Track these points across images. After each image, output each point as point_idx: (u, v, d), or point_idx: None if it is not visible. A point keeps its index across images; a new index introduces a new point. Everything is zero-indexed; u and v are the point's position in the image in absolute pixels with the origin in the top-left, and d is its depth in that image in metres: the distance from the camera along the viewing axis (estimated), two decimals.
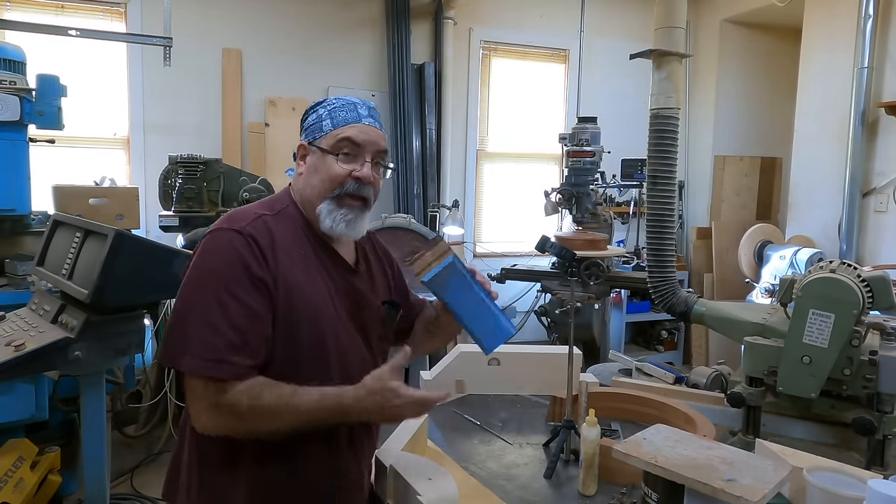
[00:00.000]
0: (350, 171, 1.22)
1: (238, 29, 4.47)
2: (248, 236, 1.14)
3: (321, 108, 1.27)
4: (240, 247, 1.12)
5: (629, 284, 3.59)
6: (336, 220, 1.22)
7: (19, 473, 2.17)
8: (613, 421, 1.76)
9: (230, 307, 1.09)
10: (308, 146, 1.26)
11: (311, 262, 1.21)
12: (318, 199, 1.23)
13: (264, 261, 1.13)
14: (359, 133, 1.23)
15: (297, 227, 1.24)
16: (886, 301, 1.56)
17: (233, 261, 1.11)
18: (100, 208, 3.26)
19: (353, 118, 1.24)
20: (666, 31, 2.11)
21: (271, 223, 1.19)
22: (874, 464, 1.50)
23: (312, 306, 1.17)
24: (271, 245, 1.16)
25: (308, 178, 1.25)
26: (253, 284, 1.11)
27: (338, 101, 1.27)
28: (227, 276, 1.11)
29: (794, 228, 4.38)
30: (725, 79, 5.35)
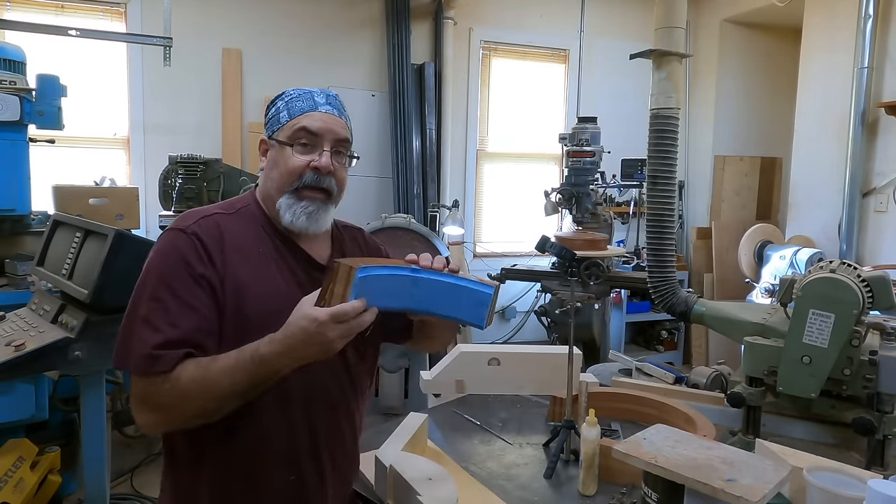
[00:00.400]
0: (308, 162, 1.18)
1: (238, 29, 4.47)
2: (192, 234, 1.11)
3: (279, 101, 1.23)
4: (182, 246, 1.10)
5: (629, 284, 3.59)
6: (296, 214, 1.17)
7: (19, 473, 2.17)
8: (613, 421, 1.76)
9: (168, 303, 1.07)
10: (268, 140, 1.23)
11: (270, 261, 1.17)
12: (277, 194, 1.19)
13: (209, 259, 1.10)
14: (315, 121, 1.19)
15: (257, 224, 1.21)
16: (886, 301, 1.56)
17: (174, 260, 1.10)
18: (100, 208, 3.26)
19: (308, 107, 1.20)
20: (666, 31, 2.11)
21: (224, 221, 1.17)
22: (874, 464, 1.50)
23: (265, 307, 1.12)
24: (219, 243, 1.13)
25: (268, 172, 1.22)
26: (195, 282, 1.09)
27: (295, 92, 1.23)
28: (167, 275, 1.09)
29: (794, 228, 4.38)
30: (725, 79, 5.35)
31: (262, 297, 1.13)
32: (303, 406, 1.17)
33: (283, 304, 1.08)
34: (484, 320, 1.12)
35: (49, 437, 2.54)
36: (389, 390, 3.56)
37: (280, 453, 1.15)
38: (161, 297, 1.07)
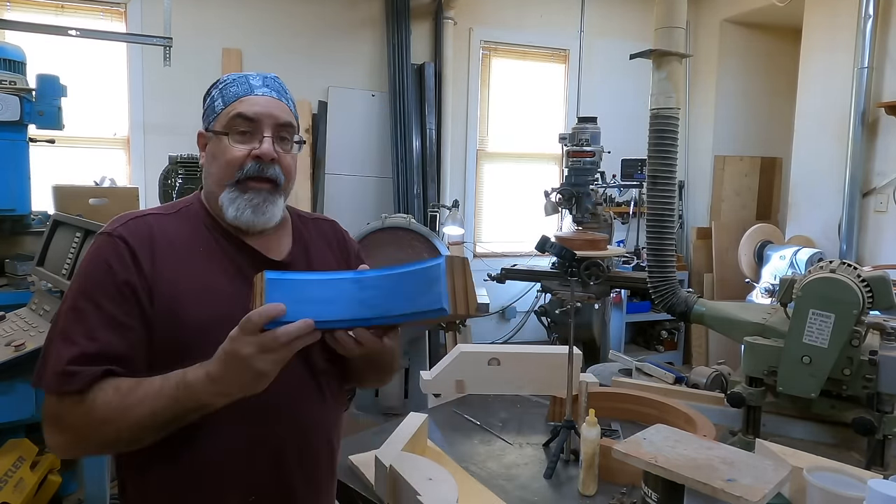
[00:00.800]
0: (248, 151, 1.07)
1: (238, 29, 4.47)
2: (118, 237, 1.02)
3: (214, 90, 1.14)
4: (106, 250, 1.01)
5: (629, 284, 3.59)
6: (240, 209, 1.07)
7: (19, 473, 2.17)
8: (613, 421, 1.76)
9: (87, 314, 0.97)
10: (205, 133, 1.14)
11: (212, 262, 1.07)
12: (218, 188, 1.09)
13: (135, 264, 1.00)
14: (251, 106, 1.08)
15: (199, 223, 1.11)
16: (886, 301, 1.56)
17: (97, 266, 1.00)
18: (100, 208, 3.25)
19: (243, 91, 1.10)
20: (666, 31, 2.11)
21: (159, 221, 1.07)
22: (874, 464, 1.50)
23: (204, 313, 1.01)
24: (149, 246, 1.02)
25: (207, 167, 1.12)
26: (118, 290, 0.98)
27: (230, 78, 1.13)
28: (89, 283, 1.00)
29: (794, 228, 4.38)
30: (725, 79, 5.35)
31: (201, 303, 1.02)
32: (261, 420, 1.04)
33: (226, 308, 0.99)
34: (444, 300, 0.91)
35: None
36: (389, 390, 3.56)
37: (237, 474, 1.04)
38: (80, 307, 0.98)
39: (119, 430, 0.94)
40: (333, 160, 4.70)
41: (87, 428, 0.94)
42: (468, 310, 0.92)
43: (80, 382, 0.94)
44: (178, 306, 1.00)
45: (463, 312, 0.92)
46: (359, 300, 0.94)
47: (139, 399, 0.93)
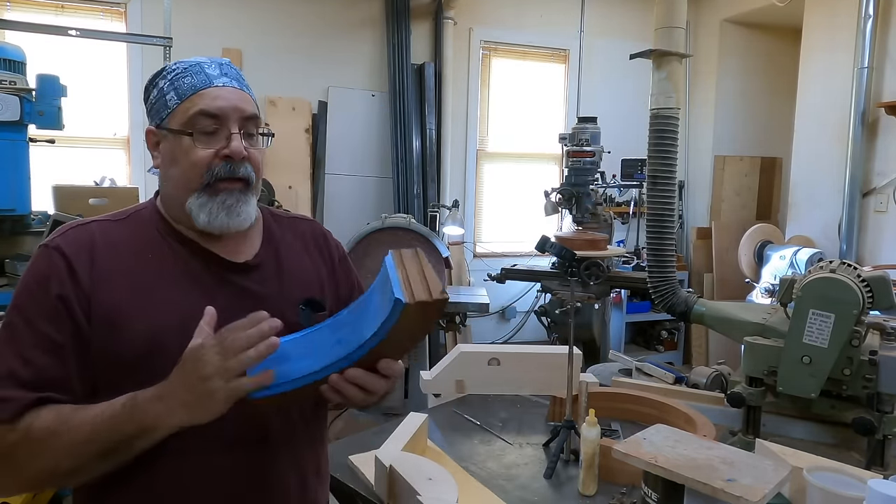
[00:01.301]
0: (216, 151, 0.97)
1: (238, 28, 4.47)
2: (54, 248, 0.93)
3: (161, 80, 1.01)
4: (42, 264, 0.93)
5: (629, 284, 3.59)
6: (213, 212, 0.97)
7: None
8: (613, 421, 1.76)
9: (21, 334, 0.89)
10: (157, 131, 1.01)
11: (162, 269, 0.97)
12: (183, 194, 0.98)
13: (71, 277, 0.91)
14: (213, 100, 0.97)
15: (151, 229, 1.01)
16: (886, 301, 1.56)
17: (33, 282, 0.92)
18: (100, 208, 3.26)
19: (200, 82, 0.98)
20: (666, 31, 2.11)
21: (104, 229, 0.98)
22: (874, 464, 1.50)
23: (149, 327, 0.92)
24: (89, 255, 0.93)
25: (165, 170, 1.01)
26: (52, 306, 0.90)
27: (179, 66, 1.00)
28: (23, 300, 0.92)
29: (794, 228, 4.38)
30: (725, 79, 5.35)
31: (146, 313, 0.92)
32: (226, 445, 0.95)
33: (175, 318, 0.92)
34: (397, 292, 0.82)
35: None
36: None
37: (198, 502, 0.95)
38: (14, 324, 0.90)
39: (57, 459, 0.84)
40: (333, 160, 4.71)
41: (23, 457, 0.85)
42: (430, 294, 0.83)
43: (10, 410, 0.85)
44: (117, 316, 0.91)
45: (425, 298, 0.82)
46: (335, 342, 0.89)
47: (78, 422, 0.84)
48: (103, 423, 0.84)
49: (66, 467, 0.85)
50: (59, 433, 0.84)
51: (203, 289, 0.98)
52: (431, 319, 0.88)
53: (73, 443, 0.84)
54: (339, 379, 0.86)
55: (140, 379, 0.87)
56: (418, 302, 0.81)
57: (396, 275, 0.85)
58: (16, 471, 0.86)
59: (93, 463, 0.85)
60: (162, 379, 0.85)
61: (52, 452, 0.84)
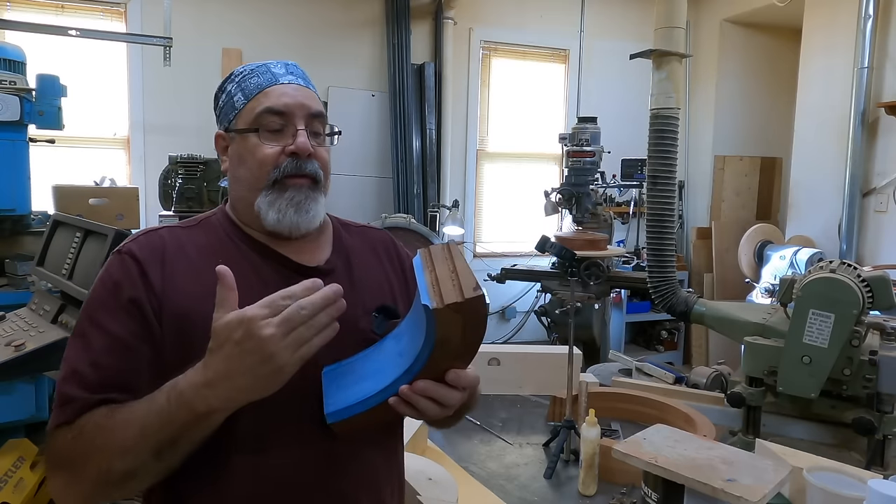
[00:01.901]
0: (282, 148, 0.96)
1: (238, 29, 4.47)
2: (126, 254, 0.92)
3: (229, 84, 1.01)
4: (114, 270, 0.91)
5: (629, 284, 3.59)
6: (281, 210, 0.95)
7: (19, 473, 2.17)
8: (613, 421, 1.76)
9: (93, 340, 0.87)
10: (225, 134, 1.00)
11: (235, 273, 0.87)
12: (251, 193, 0.96)
13: (143, 280, 0.90)
14: (279, 98, 0.96)
15: (220, 233, 0.99)
16: (886, 301, 1.56)
17: (106, 287, 0.91)
18: (100, 208, 3.26)
19: (266, 81, 0.99)
20: (666, 31, 2.11)
21: (174, 234, 0.97)
22: (874, 464, 1.50)
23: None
24: (159, 259, 0.92)
25: (234, 171, 1.00)
26: (123, 308, 0.88)
27: (246, 68, 1.01)
28: (96, 306, 0.90)
29: (794, 228, 4.38)
30: (725, 79, 5.35)
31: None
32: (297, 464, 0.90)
33: None
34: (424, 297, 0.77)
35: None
36: None
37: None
38: (86, 332, 0.89)
39: (109, 458, 0.79)
40: (333, 160, 4.65)
41: (80, 459, 0.82)
42: (462, 294, 0.75)
43: (71, 411, 0.84)
44: (187, 320, 0.89)
45: (455, 299, 0.74)
46: (398, 354, 0.84)
47: (126, 420, 0.80)
48: (152, 418, 0.79)
49: (121, 469, 0.80)
50: (109, 429, 0.80)
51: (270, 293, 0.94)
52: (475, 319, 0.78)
53: (124, 440, 0.79)
54: (408, 391, 0.81)
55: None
56: (448, 305, 0.74)
57: (424, 278, 0.81)
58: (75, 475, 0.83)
59: (148, 463, 0.80)
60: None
61: (104, 452, 0.80)
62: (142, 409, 0.80)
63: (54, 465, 0.85)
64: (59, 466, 0.84)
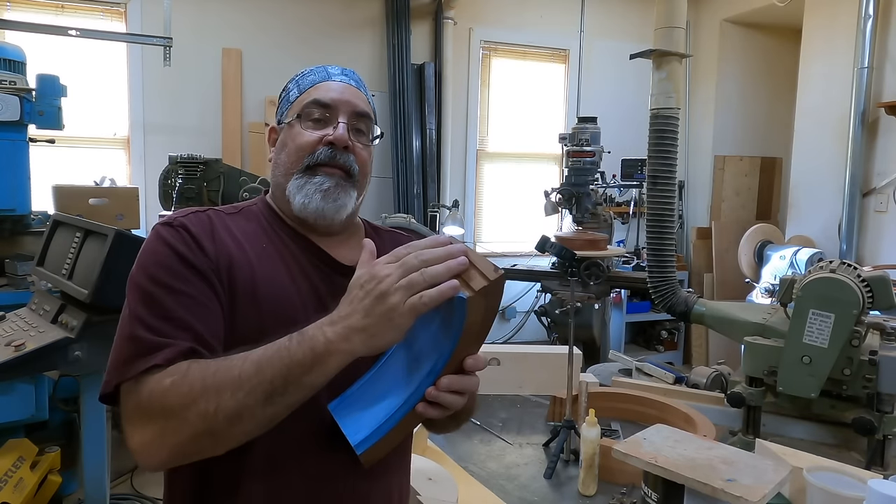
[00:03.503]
0: (321, 137, 0.97)
1: (238, 29, 4.47)
2: (179, 227, 0.91)
3: (290, 83, 1.08)
4: (169, 238, 0.90)
5: (629, 284, 3.59)
6: (308, 194, 0.96)
7: (19, 473, 2.17)
8: (613, 421, 1.76)
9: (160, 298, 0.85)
10: (277, 127, 1.05)
11: (276, 260, 0.96)
12: (286, 179, 0.99)
13: (198, 246, 0.90)
14: (326, 91, 1.00)
15: (260, 221, 1.01)
16: (886, 301, 1.56)
17: (162, 253, 0.89)
18: (100, 208, 3.26)
19: (320, 77, 1.04)
20: (666, 31, 2.11)
21: (219, 216, 0.97)
22: (874, 464, 1.50)
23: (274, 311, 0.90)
24: (211, 236, 0.92)
25: (275, 158, 1.03)
26: (188, 270, 0.87)
27: (308, 69, 1.08)
28: (157, 268, 0.88)
29: (794, 228, 4.38)
30: (725, 79, 5.35)
31: (262, 299, 0.90)
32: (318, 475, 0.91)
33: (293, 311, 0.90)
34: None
35: (49, 437, 2.53)
36: None
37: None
38: (150, 292, 0.86)
39: (220, 400, 0.75)
40: None
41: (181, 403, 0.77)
42: (486, 278, 0.78)
43: (165, 354, 0.80)
44: (238, 300, 0.89)
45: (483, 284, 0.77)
46: (413, 360, 0.84)
47: (243, 357, 0.78)
48: (271, 355, 0.77)
49: (230, 407, 0.76)
50: (222, 367, 0.78)
51: (312, 284, 0.95)
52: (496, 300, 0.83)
53: (240, 373, 0.76)
54: (435, 392, 0.81)
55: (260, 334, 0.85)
56: (478, 291, 0.77)
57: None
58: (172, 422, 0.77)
59: (257, 405, 0.76)
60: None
61: (213, 390, 0.76)
62: (256, 352, 0.78)
63: (143, 415, 0.79)
64: (151, 416, 0.78)
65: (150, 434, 0.78)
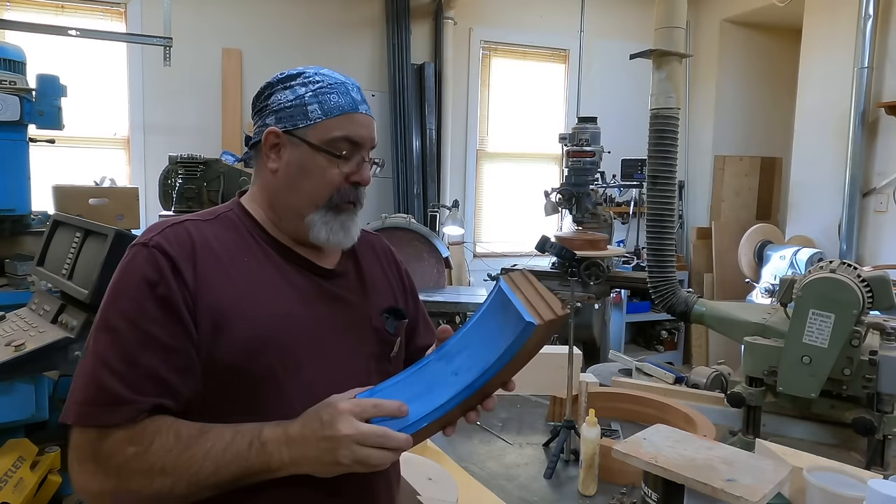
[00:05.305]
0: (348, 175, 1.00)
1: (238, 29, 4.47)
2: (154, 247, 0.90)
3: (300, 87, 1.00)
4: (142, 263, 0.89)
5: (629, 284, 3.59)
6: (334, 230, 1.00)
7: (19, 473, 2.17)
8: (613, 421, 1.76)
9: (126, 337, 0.85)
10: (287, 136, 0.99)
11: (260, 273, 0.96)
12: (307, 207, 0.99)
13: (175, 277, 0.88)
14: (358, 128, 1.00)
15: (242, 231, 1.00)
16: (886, 301, 1.56)
17: (133, 281, 0.88)
18: (100, 208, 3.26)
19: (348, 105, 1.00)
20: (666, 31, 2.11)
21: (198, 228, 0.95)
22: (874, 464, 1.50)
23: (252, 329, 0.91)
24: (190, 253, 0.91)
25: (290, 178, 0.99)
26: (159, 308, 0.87)
27: (321, 78, 1.02)
28: (124, 301, 0.88)
29: (794, 228, 4.38)
30: (725, 79, 5.35)
31: (248, 320, 0.91)
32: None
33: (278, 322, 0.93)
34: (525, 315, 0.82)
35: (49, 437, 2.53)
36: None
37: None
38: (117, 328, 0.86)
39: (175, 484, 0.83)
40: None
41: (139, 475, 0.83)
42: (555, 311, 0.83)
43: (128, 413, 0.83)
44: (220, 319, 0.90)
45: (552, 316, 0.82)
46: (451, 373, 0.88)
47: (204, 451, 0.83)
48: (229, 459, 0.83)
49: (181, 493, 0.84)
50: (182, 459, 0.83)
51: (299, 292, 0.99)
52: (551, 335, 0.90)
53: (198, 472, 0.83)
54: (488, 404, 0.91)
55: (240, 383, 0.89)
56: (546, 321, 0.82)
57: (517, 298, 0.85)
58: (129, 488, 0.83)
59: (208, 491, 0.85)
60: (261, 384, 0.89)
61: (171, 478, 0.83)
62: (218, 446, 0.84)
63: (98, 468, 0.84)
64: (106, 473, 0.83)
65: (98, 485, 0.84)
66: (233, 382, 0.90)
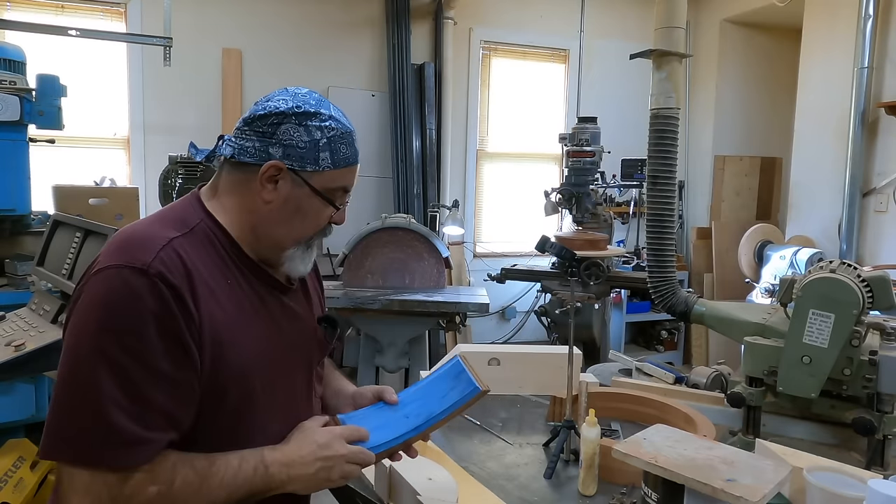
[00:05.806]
0: (330, 216, 1.07)
1: (238, 29, 4.47)
2: (156, 276, 0.86)
3: (315, 129, 1.00)
4: (146, 295, 0.85)
5: (629, 284, 3.59)
6: (304, 262, 1.07)
7: (19, 473, 2.17)
8: (613, 421, 1.76)
9: (133, 373, 0.83)
10: (291, 173, 0.99)
11: (241, 296, 0.99)
12: (291, 242, 1.04)
13: (181, 307, 0.87)
14: (353, 179, 1.09)
15: (218, 248, 0.99)
16: (886, 301, 1.56)
17: (139, 316, 0.84)
18: (100, 208, 3.26)
19: (353, 158, 1.06)
20: (666, 31, 2.11)
21: (184, 248, 0.93)
22: (874, 464, 1.50)
23: (242, 356, 0.95)
24: (188, 282, 0.89)
25: (283, 213, 1.01)
26: (165, 342, 0.85)
27: (336, 126, 1.03)
28: (132, 338, 0.84)
29: (794, 228, 4.38)
30: (725, 79, 5.35)
31: (239, 344, 0.95)
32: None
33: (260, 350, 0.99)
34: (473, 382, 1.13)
35: None
36: None
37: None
38: (125, 367, 0.83)
39: None
40: None
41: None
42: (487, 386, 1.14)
43: (147, 452, 0.83)
44: (220, 350, 0.92)
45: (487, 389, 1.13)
46: (403, 416, 1.11)
47: (219, 481, 0.90)
48: (239, 484, 0.91)
49: None
50: (202, 493, 0.88)
51: (269, 312, 1.05)
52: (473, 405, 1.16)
53: (213, 500, 0.90)
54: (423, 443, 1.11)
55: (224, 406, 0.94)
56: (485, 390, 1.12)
57: (468, 370, 1.16)
58: None
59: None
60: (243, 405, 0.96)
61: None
62: (229, 474, 0.91)
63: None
64: None
65: None
66: (218, 406, 0.94)
